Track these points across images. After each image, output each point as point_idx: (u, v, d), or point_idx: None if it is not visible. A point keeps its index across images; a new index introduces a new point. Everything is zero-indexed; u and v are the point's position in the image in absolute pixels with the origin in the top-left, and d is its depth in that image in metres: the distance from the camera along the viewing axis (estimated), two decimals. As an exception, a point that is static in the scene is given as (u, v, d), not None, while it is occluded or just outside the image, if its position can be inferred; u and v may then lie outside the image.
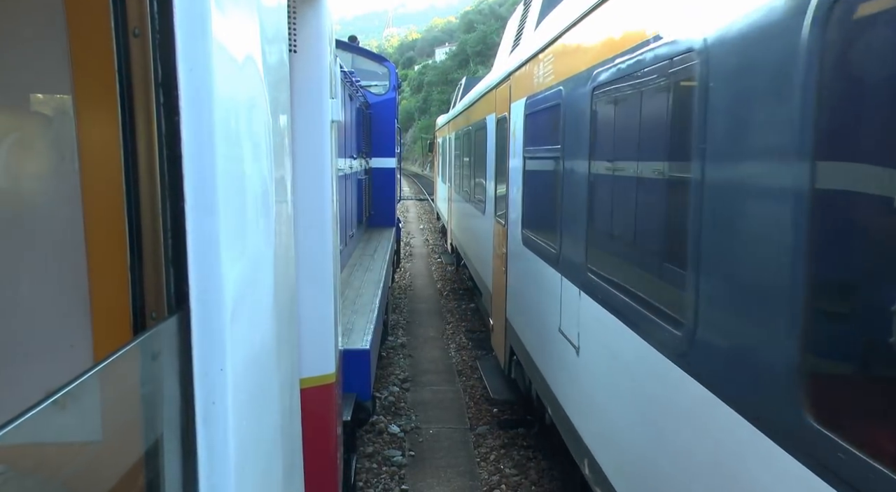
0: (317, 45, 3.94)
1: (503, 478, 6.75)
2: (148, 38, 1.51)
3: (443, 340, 11.48)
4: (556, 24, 5.64)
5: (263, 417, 1.93)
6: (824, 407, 1.87)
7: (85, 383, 1.23)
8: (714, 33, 2.59)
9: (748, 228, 2.28)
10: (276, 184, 2.15)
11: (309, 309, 3.69)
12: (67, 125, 1.85)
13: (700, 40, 2.73)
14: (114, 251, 1.52)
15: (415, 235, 25.11)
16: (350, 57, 13.77)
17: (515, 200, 7.22)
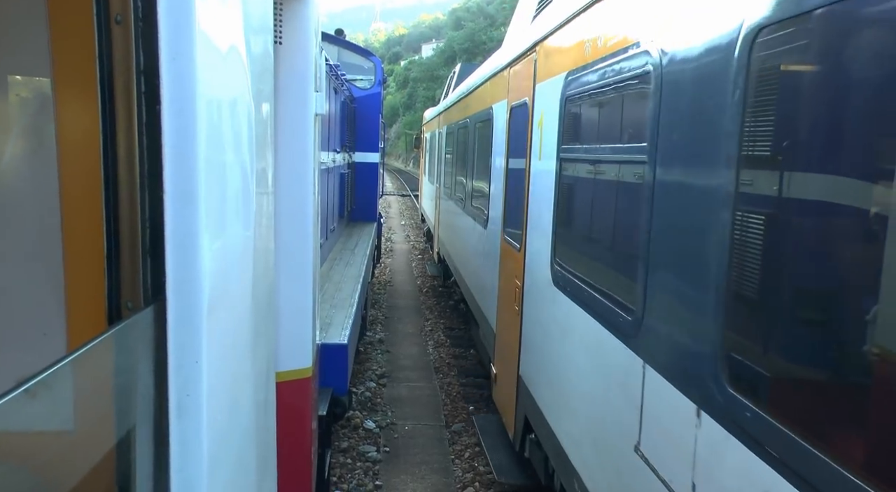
0: (302, 37, 3.92)
1: (477, 475, 6.77)
2: (130, 26, 1.50)
3: (421, 337, 11.48)
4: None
5: (238, 410, 1.92)
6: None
7: (57, 372, 1.22)
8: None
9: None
10: (257, 176, 2.14)
11: (287, 302, 3.68)
12: (46, 112, 1.82)
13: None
14: (91, 240, 1.51)
15: (396, 231, 25.07)
16: (336, 50, 13.71)
17: (541, 219, 5.04)
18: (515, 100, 6.40)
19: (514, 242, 6.23)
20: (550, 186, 4.84)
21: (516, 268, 6.09)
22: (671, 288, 2.93)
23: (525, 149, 5.75)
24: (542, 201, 5.10)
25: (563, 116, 4.60)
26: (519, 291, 5.91)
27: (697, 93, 2.77)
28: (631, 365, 3.32)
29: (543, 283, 5.02)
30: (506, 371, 6.60)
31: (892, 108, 1.76)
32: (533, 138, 5.47)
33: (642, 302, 3.16)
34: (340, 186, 11.60)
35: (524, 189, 5.75)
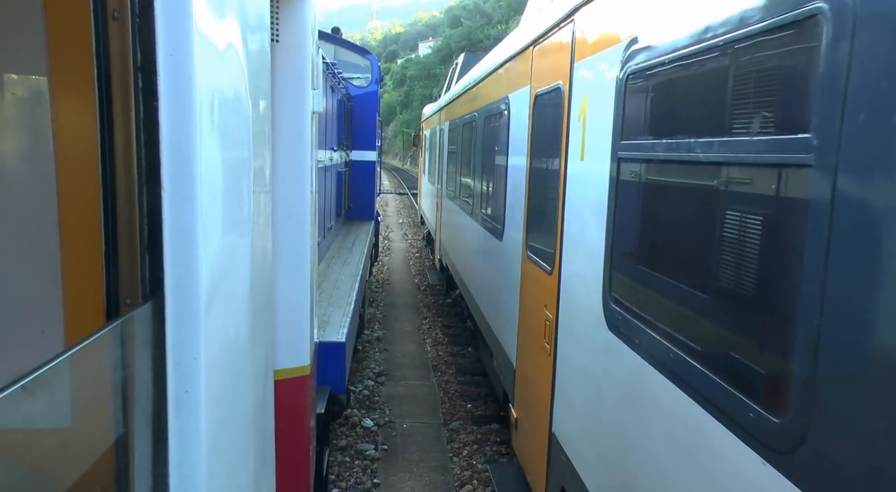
0: (299, 35, 3.91)
1: (475, 473, 6.78)
2: (128, 21, 1.49)
3: (419, 335, 11.48)
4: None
5: (236, 407, 1.92)
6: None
7: (56, 368, 1.22)
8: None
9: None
10: (255, 173, 2.13)
11: (285, 300, 3.67)
12: (42, 108, 1.82)
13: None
14: (88, 236, 1.50)
15: (394, 230, 25.07)
16: (333, 48, 13.70)
17: (586, 238, 3.89)
18: (543, 85, 5.08)
19: (543, 263, 4.91)
20: (601, 196, 3.55)
21: (545, 295, 4.80)
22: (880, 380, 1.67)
23: (558, 146, 4.48)
24: (588, 215, 3.80)
25: (623, 102, 3.32)
26: (550, 326, 4.63)
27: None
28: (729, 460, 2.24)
29: (591, 322, 3.74)
30: (532, 421, 5.31)
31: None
32: (570, 133, 4.21)
33: (807, 396, 1.88)
34: (338, 184, 11.59)
35: (557, 197, 4.44)
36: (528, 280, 5.58)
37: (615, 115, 3.45)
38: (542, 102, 5.19)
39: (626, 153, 3.34)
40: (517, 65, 6.33)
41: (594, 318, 3.71)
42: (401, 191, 41.79)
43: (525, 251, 5.62)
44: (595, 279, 3.70)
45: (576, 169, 4.16)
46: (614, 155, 3.45)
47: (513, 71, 6.56)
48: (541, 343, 4.98)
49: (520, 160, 5.91)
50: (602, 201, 3.61)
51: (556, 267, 4.57)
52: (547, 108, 5.04)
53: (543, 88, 5.11)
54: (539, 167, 5.25)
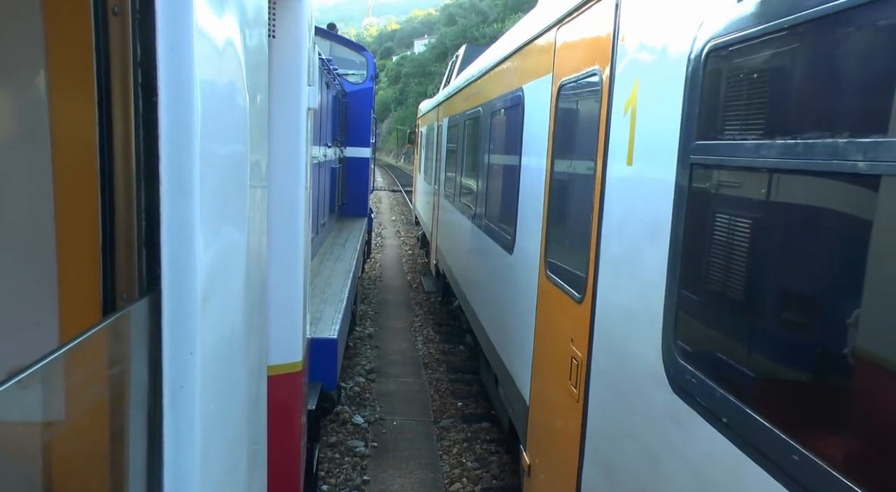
0: (296, 31, 3.92)
1: (465, 471, 6.80)
2: (128, 17, 1.49)
3: (410, 332, 11.49)
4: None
5: (231, 402, 1.93)
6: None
7: (51, 362, 1.22)
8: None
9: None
10: (251, 169, 2.14)
11: (278, 296, 3.68)
12: (40, 102, 1.82)
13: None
14: (85, 231, 1.51)
15: (386, 227, 25.06)
16: (328, 44, 13.66)
17: (642, 264, 3.05)
18: (570, 73, 4.24)
19: (569, 288, 4.06)
20: (661, 210, 2.77)
21: (573, 328, 3.95)
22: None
23: (593, 146, 3.68)
24: (639, 233, 3.05)
25: (699, 88, 2.51)
26: (580, 367, 3.79)
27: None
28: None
29: (643, 375, 2.94)
30: (552, 476, 4.45)
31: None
32: (612, 129, 3.43)
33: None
34: (331, 180, 11.58)
35: (591, 208, 3.65)
36: (547, 305, 4.63)
37: (686, 107, 2.59)
38: (569, 93, 4.35)
39: (705, 157, 2.47)
40: (534, 51, 5.42)
41: (649, 371, 2.86)
42: (394, 188, 41.79)
43: (543, 270, 4.72)
44: (650, 319, 2.84)
45: (620, 174, 3.32)
46: (683, 158, 2.59)
47: (528, 58, 5.66)
48: (565, 385, 4.05)
49: (537, 161, 5.07)
50: (662, 217, 2.75)
51: (587, 294, 3.69)
52: (576, 99, 4.23)
53: (571, 76, 4.24)
54: (564, 170, 4.42)
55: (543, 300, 4.77)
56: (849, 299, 1.76)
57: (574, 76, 4.21)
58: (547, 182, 4.76)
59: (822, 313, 1.93)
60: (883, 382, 1.64)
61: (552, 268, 4.59)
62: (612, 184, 3.45)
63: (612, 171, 3.44)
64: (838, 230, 1.88)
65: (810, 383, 1.97)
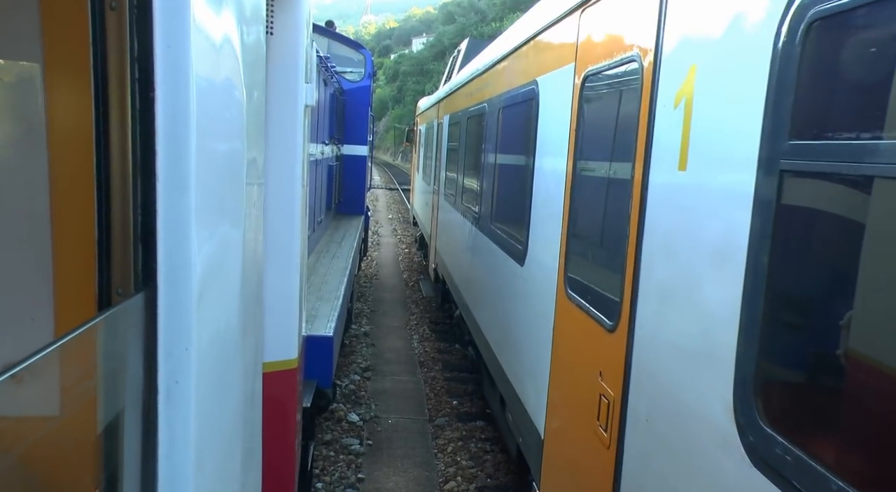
0: (294, 28, 3.91)
1: (459, 470, 6.81)
2: (125, 12, 1.49)
3: (406, 331, 11.49)
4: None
5: (226, 398, 1.93)
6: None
7: (47, 357, 1.22)
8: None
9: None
10: (248, 166, 2.14)
11: (274, 293, 3.68)
12: (36, 96, 1.81)
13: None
14: (81, 226, 1.50)
15: (383, 225, 25.05)
16: (326, 42, 13.65)
17: (703, 294, 2.49)
18: (599, 61, 3.70)
19: (596, 312, 3.52)
20: (736, 231, 2.21)
21: (602, 360, 3.41)
22: None
23: (630, 146, 3.16)
24: (698, 255, 2.51)
25: (795, 71, 1.99)
26: (612, 408, 3.23)
27: None
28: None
29: (706, 437, 2.36)
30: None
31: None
32: (657, 126, 2.92)
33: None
34: (328, 178, 11.57)
35: (627, 220, 3.15)
36: (567, 328, 4.08)
37: (772, 97, 2.05)
38: (597, 85, 3.79)
39: (803, 161, 1.95)
40: (552, 39, 4.85)
41: (714, 431, 2.28)
42: (391, 186, 41.78)
43: (563, 287, 4.14)
44: (716, 364, 2.27)
45: (668, 181, 2.78)
46: (769, 163, 2.06)
47: (544, 47, 5.08)
48: (591, 425, 3.49)
49: (554, 163, 4.54)
50: (734, 238, 2.21)
51: (622, 322, 3.15)
52: (606, 92, 3.66)
53: (600, 65, 3.69)
54: (590, 174, 3.87)
55: (563, 322, 4.17)
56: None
57: (603, 65, 3.63)
58: (567, 187, 4.15)
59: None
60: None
61: (574, 286, 3.98)
62: (656, 193, 2.88)
63: (657, 177, 2.87)
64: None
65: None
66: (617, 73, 3.48)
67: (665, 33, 2.91)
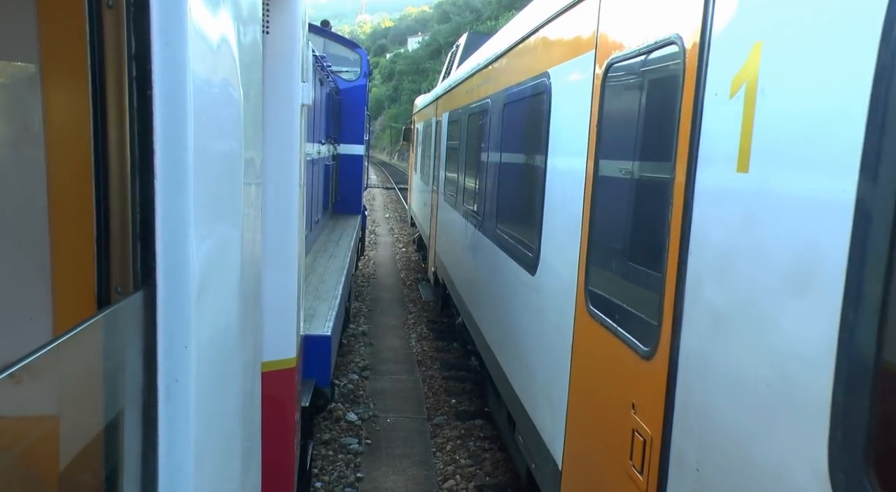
0: (290, 27, 3.91)
1: (458, 468, 6.81)
2: (122, 10, 1.49)
3: (404, 330, 11.49)
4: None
5: (225, 397, 1.93)
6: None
7: (46, 356, 1.22)
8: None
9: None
10: (246, 165, 2.14)
11: (272, 292, 3.67)
12: (33, 95, 1.81)
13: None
14: (80, 224, 1.50)
15: (380, 224, 25.04)
16: (322, 41, 13.65)
17: (773, 323, 2.02)
18: (626, 47, 3.29)
19: (629, 335, 3.08)
20: (829, 251, 1.81)
21: (636, 390, 2.99)
22: None
23: (668, 143, 2.73)
24: (771, 280, 2.05)
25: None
26: (650, 448, 2.80)
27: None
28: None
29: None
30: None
31: None
32: (705, 119, 2.47)
33: None
34: (325, 177, 11.57)
35: (667, 232, 2.70)
36: (590, 350, 3.65)
37: (886, 78, 1.65)
38: (624, 74, 3.38)
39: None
40: (566, 26, 4.41)
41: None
42: (388, 185, 41.77)
43: (583, 301, 3.71)
44: (800, 413, 1.88)
45: (723, 186, 2.34)
46: (879, 163, 1.65)
47: (557, 35, 4.64)
48: (622, 465, 3.07)
49: (570, 162, 4.10)
50: (825, 260, 1.81)
51: (661, 348, 2.72)
52: (636, 81, 3.23)
53: (627, 52, 3.26)
54: (615, 175, 3.47)
55: (584, 341, 3.73)
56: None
57: (632, 51, 3.20)
58: (588, 189, 3.73)
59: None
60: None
61: (597, 302, 3.53)
62: (706, 199, 2.45)
63: (707, 180, 2.44)
64: None
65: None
66: (650, 59, 3.03)
67: (716, 8, 2.47)
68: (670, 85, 2.78)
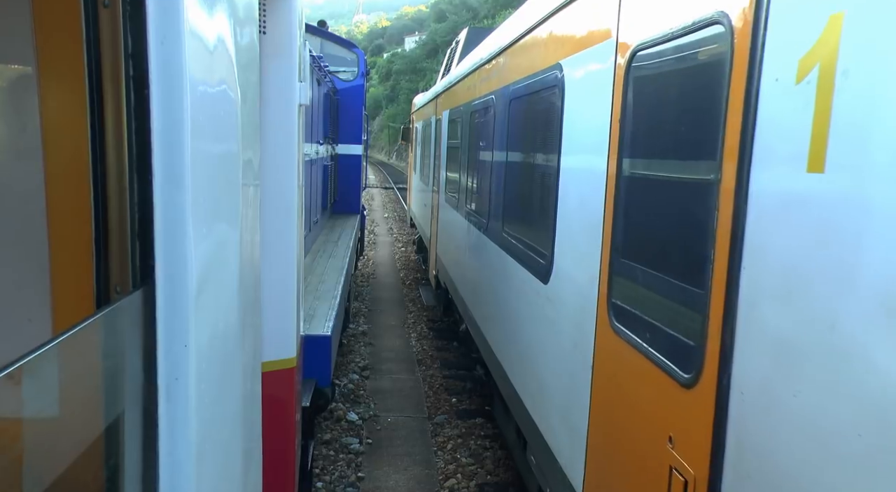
0: (287, 27, 3.91)
1: (459, 467, 6.81)
2: (118, 9, 1.49)
3: (404, 329, 11.49)
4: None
5: (225, 396, 1.93)
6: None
7: (44, 355, 1.22)
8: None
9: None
10: (243, 165, 2.13)
11: (272, 292, 3.67)
12: (30, 94, 1.81)
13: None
14: (77, 224, 1.50)
15: (379, 224, 25.03)
16: (319, 41, 13.64)
17: (862, 357, 1.68)
18: (657, 31, 2.92)
19: (664, 359, 2.74)
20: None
21: (672, 421, 2.66)
22: None
23: (713, 139, 2.38)
24: (860, 300, 1.70)
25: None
26: (691, 490, 2.50)
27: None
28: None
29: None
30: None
31: None
32: (762, 110, 2.15)
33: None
34: (324, 177, 11.56)
35: (711, 240, 2.37)
36: (615, 370, 3.30)
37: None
38: (653, 62, 3.05)
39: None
40: (580, 13, 4.08)
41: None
42: (386, 185, 41.77)
43: (606, 317, 3.38)
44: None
45: (789, 187, 1.98)
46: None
47: (570, 24, 4.30)
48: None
49: (587, 161, 3.77)
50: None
51: (707, 376, 2.39)
52: (670, 68, 2.90)
53: (656, 37, 2.91)
54: (644, 175, 3.16)
55: (607, 361, 3.38)
56: None
57: (662, 35, 2.85)
58: (610, 192, 3.40)
59: None
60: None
61: (623, 317, 3.20)
62: (765, 203, 2.10)
63: (766, 181, 2.10)
64: None
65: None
66: (686, 43, 2.69)
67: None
68: (713, 72, 2.43)
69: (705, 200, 2.42)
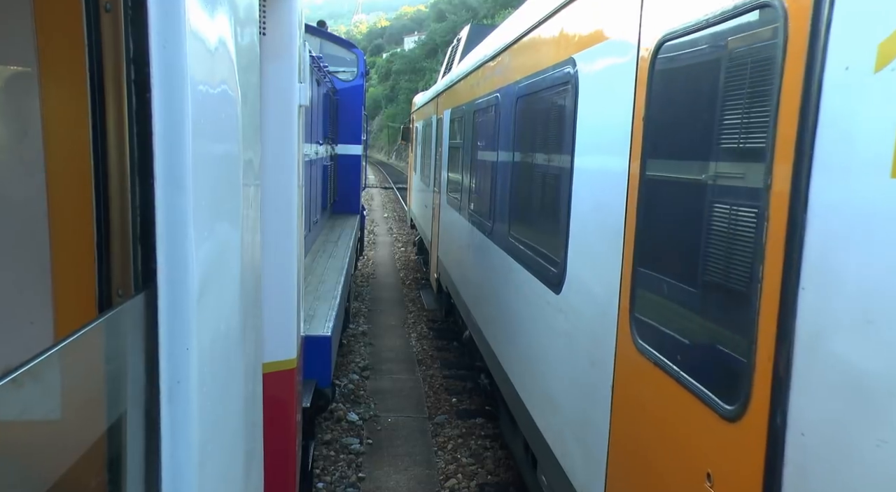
0: (286, 28, 3.91)
1: (460, 467, 6.82)
2: (120, 13, 1.49)
3: (404, 330, 11.49)
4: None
5: (227, 398, 1.93)
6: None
7: (47, 360, 1.22)
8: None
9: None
10: (245, 166, 2.14)
11: (272, 293, 3.68)
12: (31, 98, 1.81)
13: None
14: (79, 227, 1.51)
15: (379, 224, 25.04)
16: (318, 42, 13.64)
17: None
18: (684, 20, 2.65)
19: (703, 388, 2.43)
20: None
21: (711, 457, 2.38)
22: None
23: (763, 138, 2.13)
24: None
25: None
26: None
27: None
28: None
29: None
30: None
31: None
32: (825, 106, 1.85)
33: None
34: (323, 177, 11.57)
35: (760, 253, 2.09)
36: (639, 394, 3.02)
37: None
38: (684, 54, 2.74)
39: None
40: (597, 2, 3.80)
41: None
42: (386, 185, 41.77)
43: (629, 332, 3.08)
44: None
45: (865, 196, 1.71)
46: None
47: (585, 15, 4.00)
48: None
49: (605, 162, 3.52)
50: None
51: (754, 409, 2.11)
52: (706, 60, 2.58)
53: (688, 25, 2.62)
54: (675, 179, 2.87)
55: (631, 382, 3.09)
56: None
57: (695, 23, 2.55)
58: (632, 196, 3.12)
59: None
60: None
61: (649, 335, 2.91)
62: (831, 215, 1.81)
63: (833, 188, 1.80)
64: None
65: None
66: (725, 30, 2.38)
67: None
68: (761, 62, 2.15)
69: (751, 209, 2.14)
